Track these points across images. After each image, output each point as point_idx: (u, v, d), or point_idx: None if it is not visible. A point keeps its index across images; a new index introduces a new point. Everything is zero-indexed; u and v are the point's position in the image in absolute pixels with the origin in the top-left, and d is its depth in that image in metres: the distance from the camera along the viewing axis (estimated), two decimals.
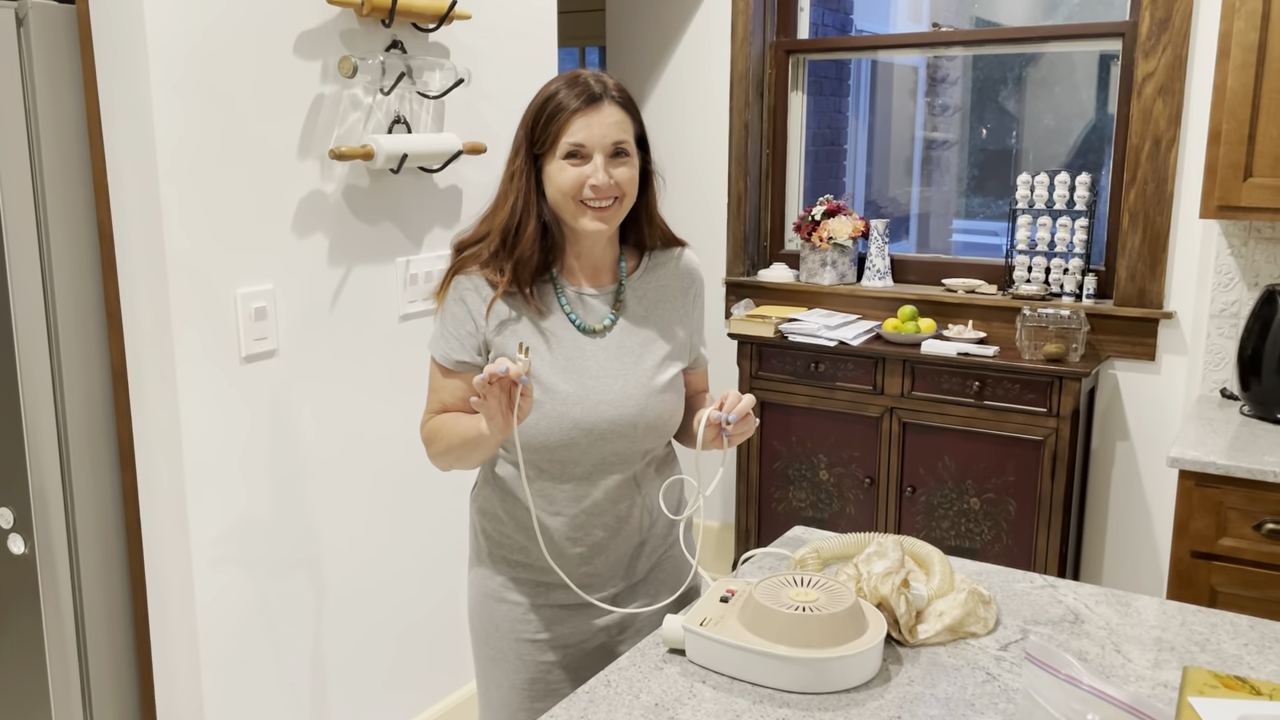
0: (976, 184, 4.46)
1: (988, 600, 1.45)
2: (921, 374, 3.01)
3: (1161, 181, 2.87)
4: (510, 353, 1.46)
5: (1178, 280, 2.90)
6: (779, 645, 1.25)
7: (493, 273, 1.48)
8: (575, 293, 1.52)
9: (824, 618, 1.27)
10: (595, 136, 1.43)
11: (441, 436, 1.50)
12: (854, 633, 1.28)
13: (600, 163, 1.43)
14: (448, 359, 1.51)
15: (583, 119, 1.42)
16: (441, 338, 1.52)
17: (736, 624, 1.31)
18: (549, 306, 1.50)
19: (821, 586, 1.35)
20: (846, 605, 1.29)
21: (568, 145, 1.43)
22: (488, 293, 1.48)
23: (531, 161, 1.47)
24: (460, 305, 1.49)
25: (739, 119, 3.55)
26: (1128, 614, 1.47)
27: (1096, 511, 3.11)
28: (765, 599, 1.30)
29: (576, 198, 1.44)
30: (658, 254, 1.60)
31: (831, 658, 1.24)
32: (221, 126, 1.91)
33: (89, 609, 2.01)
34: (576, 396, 1.47)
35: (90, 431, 1.96)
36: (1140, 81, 2.86)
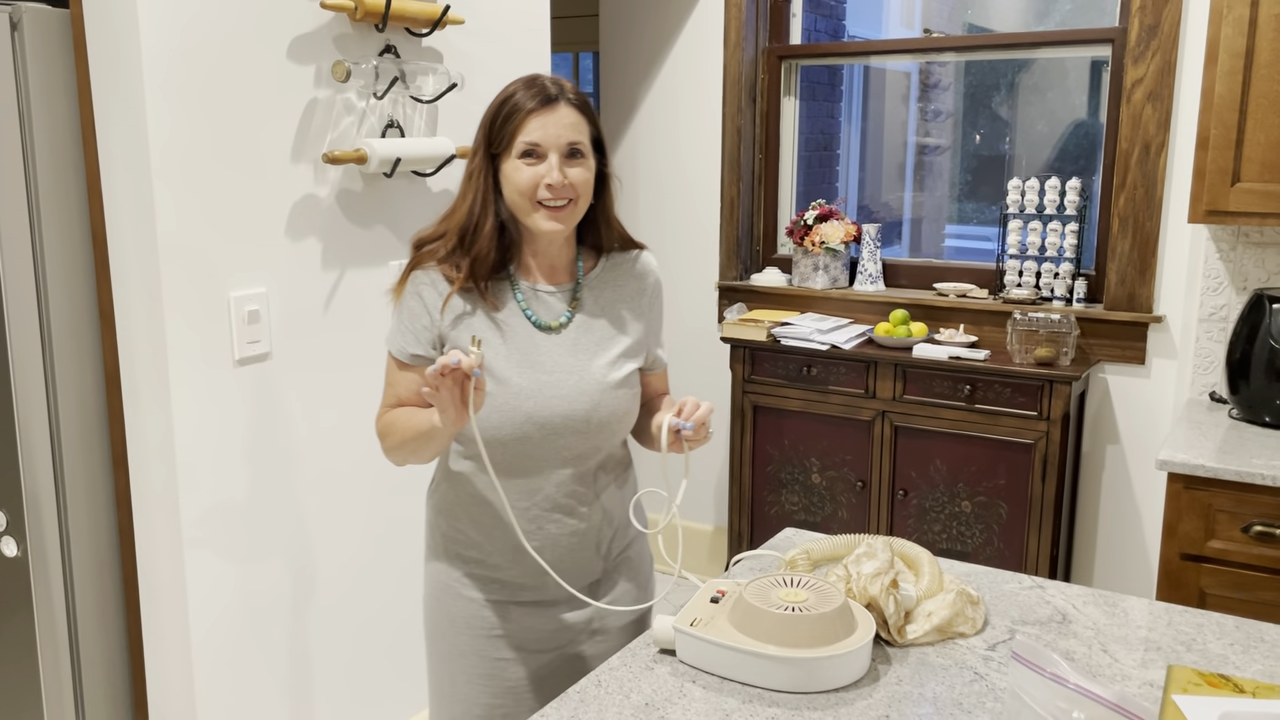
0: (969, 189, 4.48)
1: (976, 601, 1.46)
2: (913, 378, 3.03)
3: (1151, 186, 2.89)
4: (464, 346, 1.48)
5: (1167, 284, 2.92)
6: (769, 645, 1.26)
7: (450, 268, 1.50)
8: (531, 289, 1.54)
9: (813, 618, 1.28)
10: (550, 136, 1.45)
11: (395, 430, 1.52)
12: (843, 632, 1.29)
13: (555, 162, 1.46)
14: (403, 352, 1.53)
15: (538, 119, 1.45)
16: (397, 332, 1.54)
17: (727, 624, 1.32)
18: (504, 302, 1.52)
19: (811, 587, 1.36)
20: (835, 605, 1.30)
21: (523, 144, 1.46)
22: (444, 287, 1.50)
23: (489, 161, 1.50)
24: (416, 300, 1.51)
25: (731, 124, 3.57)
26: (1115, 614, 1.48)
27: (1087, 514, 3.12)
28: (755, 599, 1.31)
29: (532, 197, 1.46)
30: (616, 255, 1.63)
31: (821, 657, 1.25)
32: (215, 130, 1.92)
33: (81, 612, 2.01)
34: (530, 390, 1.49)
35: (83, 434, 1.97)
36: (1130, 87, 2.88)
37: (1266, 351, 2.40)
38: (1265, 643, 1.39)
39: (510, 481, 1.52)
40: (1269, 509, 2.18)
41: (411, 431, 1.48)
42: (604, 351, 1.55)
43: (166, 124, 1.84)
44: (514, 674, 1.58)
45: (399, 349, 1.54)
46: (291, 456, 2.14)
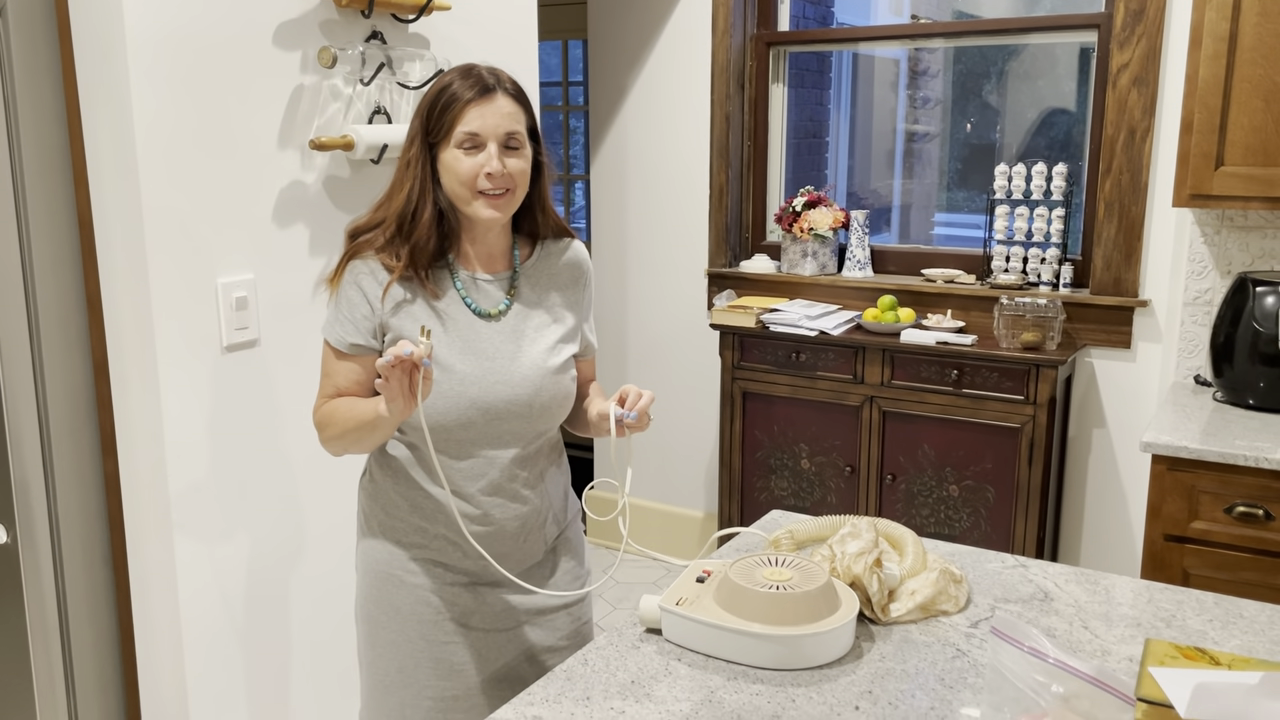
0: (958, 177, 4.50)
1: (959, 579, 1.47)
2: (901, 363, 3.04)
3: (1136, 171, 2.90)
4: (409, 335, 1.50)
5: (1152, 269, 2.94)
6: (753, 623, 1.28)
7: (388, 257, 1.51)
8: (470, 277, 1.56)
9: (798, 596, 1.29)
10: (489, 126, 1.47)
11: (336, 421, 1.52)
12: (827, 610, 1.31)
13: (494, 151, 1.47)
14: (342, 342, 1.54)
15: (477, 109, 1.47)
16: (336, 322, 1.54)
17: (712, 603, 1.33)
18: (444, 290, 1.54)
19: (795, 566, 1.37)
20: (819, 584, 1.32)
21: (463, 134, 1.47)
22: (384, 276, 1.51)
23: (426, 150, 1.50)
24: (355, 289, 1.52)
25: (720, 111, 3.57)
26: (1096, 592, 1.50)
27: (1073, 497, 3.14)
28: (740, 579, 1.33)
29: (472, 186, 1.48)
30: (549, 244, 1.66)
31: (805, 634, 1.26)
32: (201, 116, 1.92)
33: (72, 599, 2.01)
34: (474, 376, 1.51)
35: (72, 421, 1.97)
36: (1115, 72, 2.90)
37: (1250, 334, 2.42)
38: (1244, 618, 1.41)
39: (454, 466, 1.54)
40: (1252, 490, 2.20)
41: (354, 421, 1.49)
42: (542, 338, 1.58)
43: (152, 110, 1.84)
44: (462, 656, 1.59)
45: (338, 339, 1.54)
46: (281, 442, 2.15)
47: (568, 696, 1.22)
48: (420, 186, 1.50)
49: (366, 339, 1.53)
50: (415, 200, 1.50)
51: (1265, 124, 2.35)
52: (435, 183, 1.51)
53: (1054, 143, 3.65)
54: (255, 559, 2.13)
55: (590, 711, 1.19)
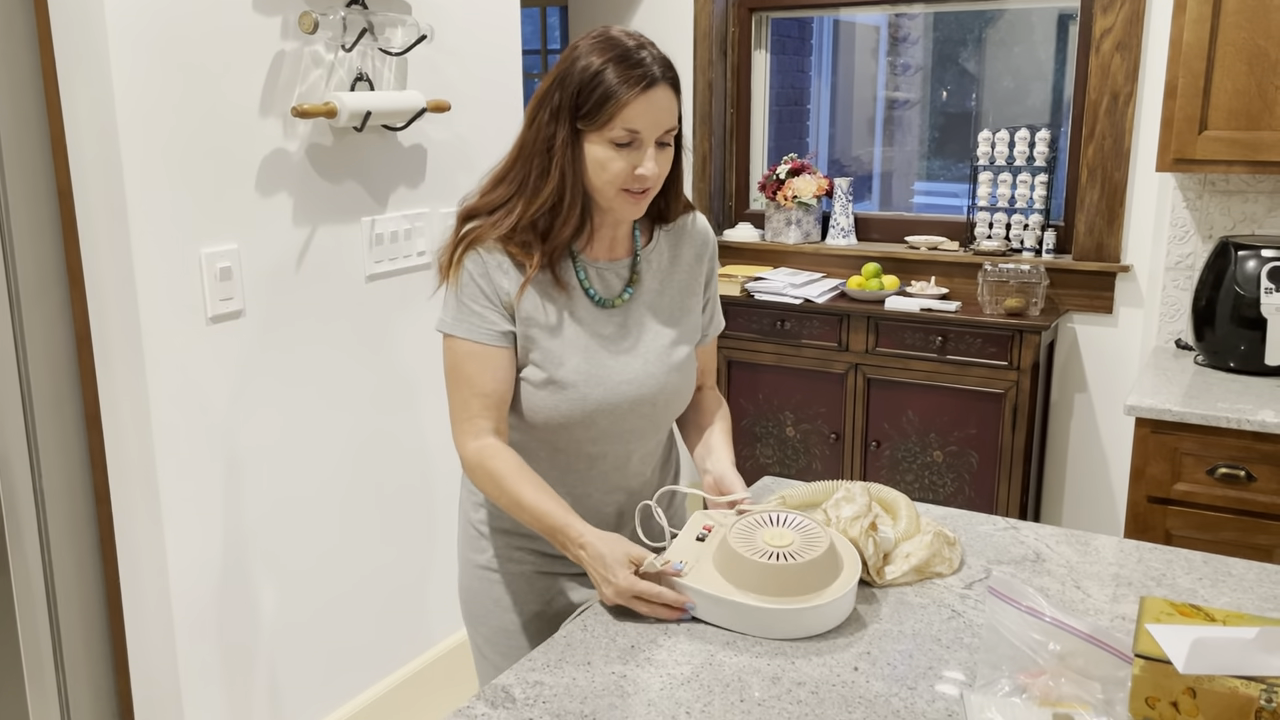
0: (938, 145, 4.50)
1: (952, 542, 1.48)
2: (885, 330, 3.05)
3: (1119, 136, 2.91)
4: (541, 323, 1.41)
5: (1134, 234, 2.95)
6: (754, 596, 1.27)
7: (518, 250, 1.39)
8: (592, 265, 1.45)
9: (800, 566, 1.29)
10: (650, 124, 1.33)
11: (509, 492, 1.39)
12: (830, 577, 1.31)
13: (652, 152, 1.34)
14: (490, 333, 1.40)
15: (641, 104, 1.31)
16: (471, 314, 1.40)
17: (711, 569, 1.33)
18: (567, 279, 1.43)
19: (797, 528, 1.37)
20: (822, 549, 1.32)
21: (624, 132, 1.32)
22: (515, 273, 1.39)
23: (574, 133, 1.35)
24: (486, 281, 1.39)
25: (703, 78, 3.55)
26: (1087, 553, 1.52)
27: (1055, 461, 3.18)
28: (739, 545, 1.32)
29: (620, 185, 1.36)
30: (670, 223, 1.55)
31: (806, 608, 1.26)
32: (181, 83, 1.89)
33: (59, 572, 2.00)
34: (599, 377, 1.43)
35: (55, 394, 1.95)
36: (1099, 37, 2.90)
37: (1232, 298, 2.44)
38: (1233, 576, 1.43)
39: (570, 464, 1.48)
40: (1234, 451, 2.23)
41: (532, 516, 1.38)
42: (665, 330, 1.49)
43: (131, 77, 1.81)
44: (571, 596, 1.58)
45: (483, 332, 1.39)
46: (266, 413, 2.13)
47: (569, 661, 1.22)
48: (571, 181, 1.36)
49: (511, 324, 1.41)
50: (567, 194, 1.36)
51: (1248, 87, 2.36)
52: (577, 170, 1.37)
53: (1031, 110, 3.65)
54: (245, 531, 2.12)
55: (591, 676, 1.19)
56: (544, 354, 1.41)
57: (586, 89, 1.32)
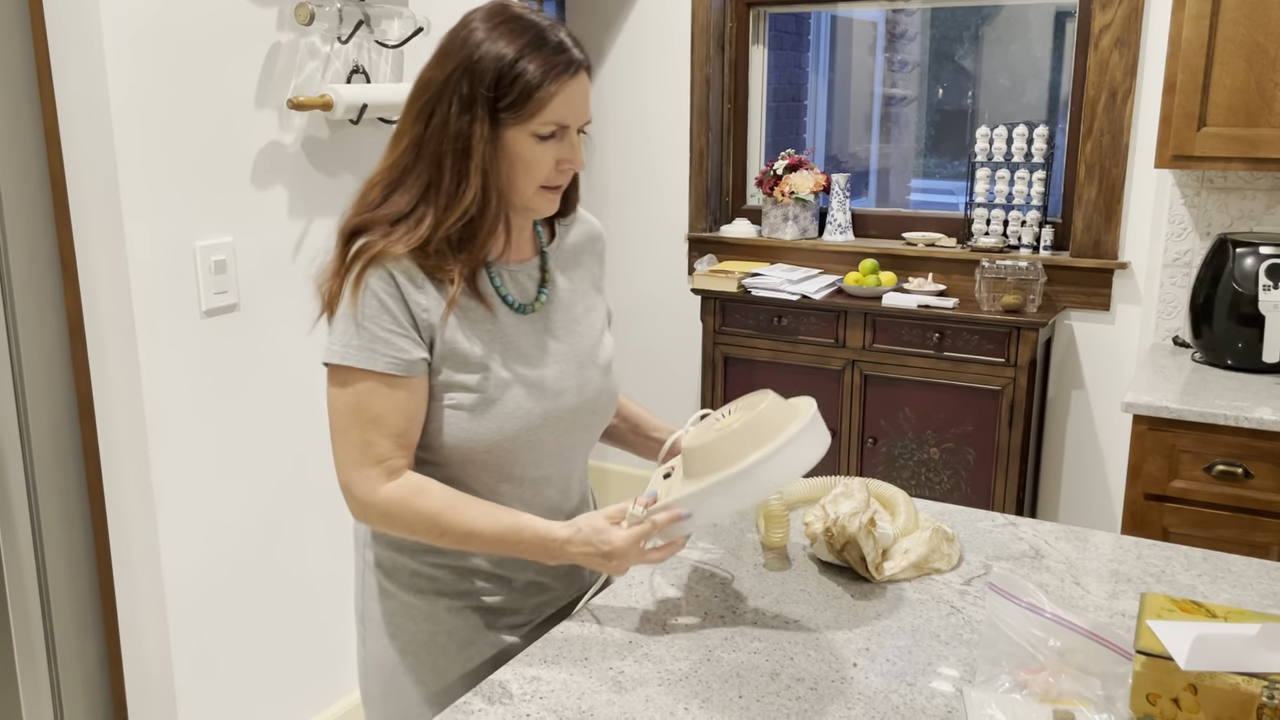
0: (934, 143, 4.50)
1: (951, 538, 1.48)
2: (882, 326, 3.05)
3: (1117, 133, 2.90)
4: (465, 352, 1.23)
5: (1132, 231, 2.95)
6: (723, 469, 1.21)
7: (430, 261, 1.21)
8: (505, 271, 1.29)
9: (755, 418, 1.22)
10: (577, 113, 1.22)
11: (453, 525, 1.20)
12: (788, 419, 1.25)
13: (576, 141, 1.23)
14: (400, 364, 1.19)
15: (568, 93, 1.20)
16: (376, 342, 1.19)
17: (683, 478, 1.26)
18: (484, 290, 1.27)
19: (739, 407, 1.31)
20: (769, 400, 1.26)
21: (550, 124, 1.20)
22: (435, 292, 1.21)
23: (490, 123, 1.19)
24: (399, 302, 1.19)
25: (700, 73, 3.54)
26: (1085, 549, 1.51)
27: (1052, 458, 3.17)
28: (697, 440, 1.25)
29: (541, 181, 1.23)
30: (565, 218, 1.42)
31: (782, 444, 1.19)
32: (176, 74, 1.87)
33: (51, 568, 1.98)
34: (538, 389, 1.28)
35: (48, 386, 1.93)
36: (1097, 33, 2.89)
37: (1229, 295, 2.44)
38: (1232, 573, 1.43)
39: (514, 494, 1.31)
40: (1231, 449, 2.22)
41: (491, 536, 1.20)
42: (588, 329, 1.37)
43: (126, 67, 1.79)
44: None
45: (390, 362, 1.19)
46: (260, 408, 2.12)
47: (565, 658, 1.21)
48: (495, 182, 1.20)
49: (425, 350, 1.22)
50: (493, 200, 1.20)
51: (1248, 84, 2.36)
52: (497, 168, 1.21)
53: (1027, 106, 3.64)
54: (239, 527, 2.11)
55: (589, 671, 1.18)
56: (475, 375, 1.24)
57: (507, 78, 1.17)
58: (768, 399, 1.27)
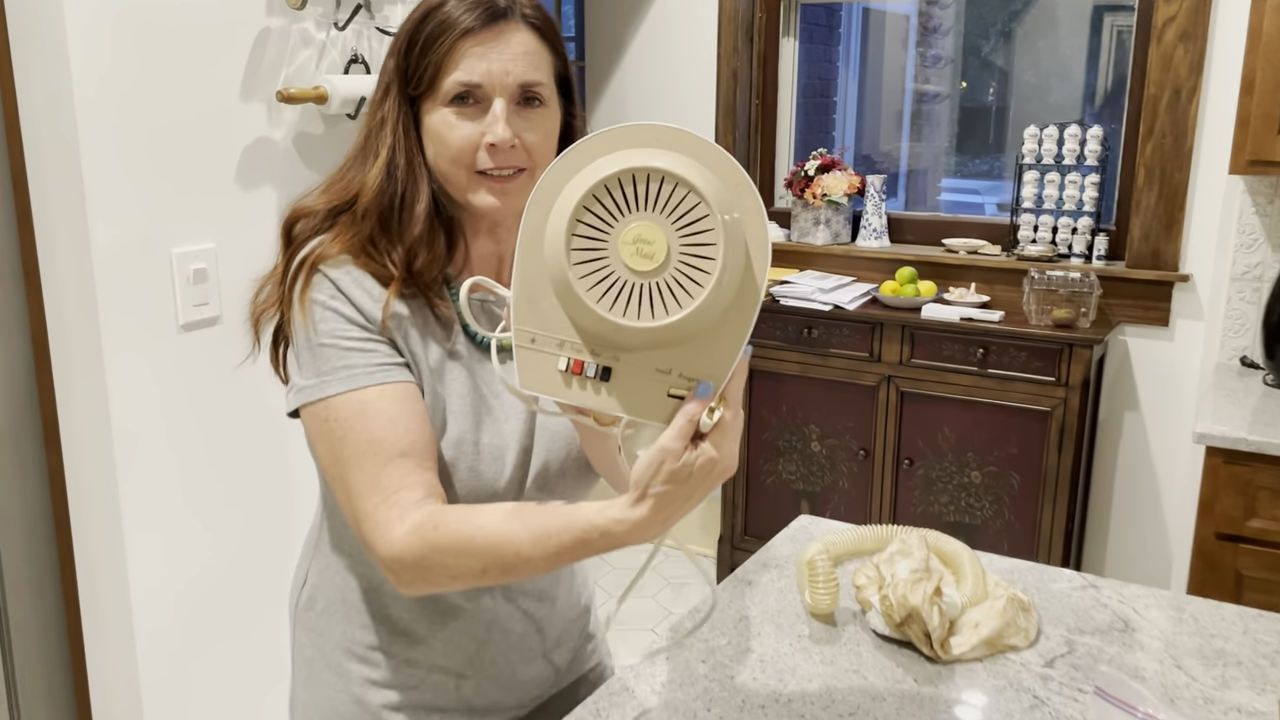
0: (969, 141, 4.30)
1: (1027, 607, 1.27)
2: (921, 340, 2.84)
3: (1181, 135, 2.68)
4: (421, 378, 1.03)
5: (1195, 241, 2.73)
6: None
7: (374, 263, 1.02)
8: (474, 299, 1.09)
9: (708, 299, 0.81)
10: (496, 73, 0.99)
11: (483, 548, 0.90)
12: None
13: (501, 111, 1.00)
14: (382, 371, 0.99)
15: (479, 47, 0.99)
16: (345, 356, 0.99)
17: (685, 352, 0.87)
18: (448, 317, 1.05)
19: None
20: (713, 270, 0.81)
21: (456, 85, 0.99)
22: (378, 290, 1.01)
23: (407, 105, 1.03)
24: (348, 305, 1.00)
25: (727, 66, 3.33)
26: (1183, 620, 1.30)
27: (1102, 486, 2.96)
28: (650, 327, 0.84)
29: (468, 164, 1.01)
30: None
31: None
32: (152, 64, 1.68)
33: (13, 604, 1.80)
34: (515, 448, 1.06)
35: (10, 407, 1.75)
36: (1160, 26, 2.67)
37: None
38: None
39: (477, 588, 1.11)
40: None
41: (551, 543, 0.87)
42: None
43: (93, 54, 1.60)
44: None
45: (367, 373, 0.98)
46: (240, 431, 1.93)
47: None
48: (406, 160, 1.02)
49: (396, 355, 1.01)
50: (402, 181, 1.02)
51: None
52: (424, 155, 1.04)
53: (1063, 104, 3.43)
54: (213, 558, 1.92)
55: None
56: (439, 421, 1.02)
57: (416, 38, 1.01)
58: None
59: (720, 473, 0.84)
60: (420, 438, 0.98)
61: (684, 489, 0.83)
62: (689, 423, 0.82)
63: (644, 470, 0.82)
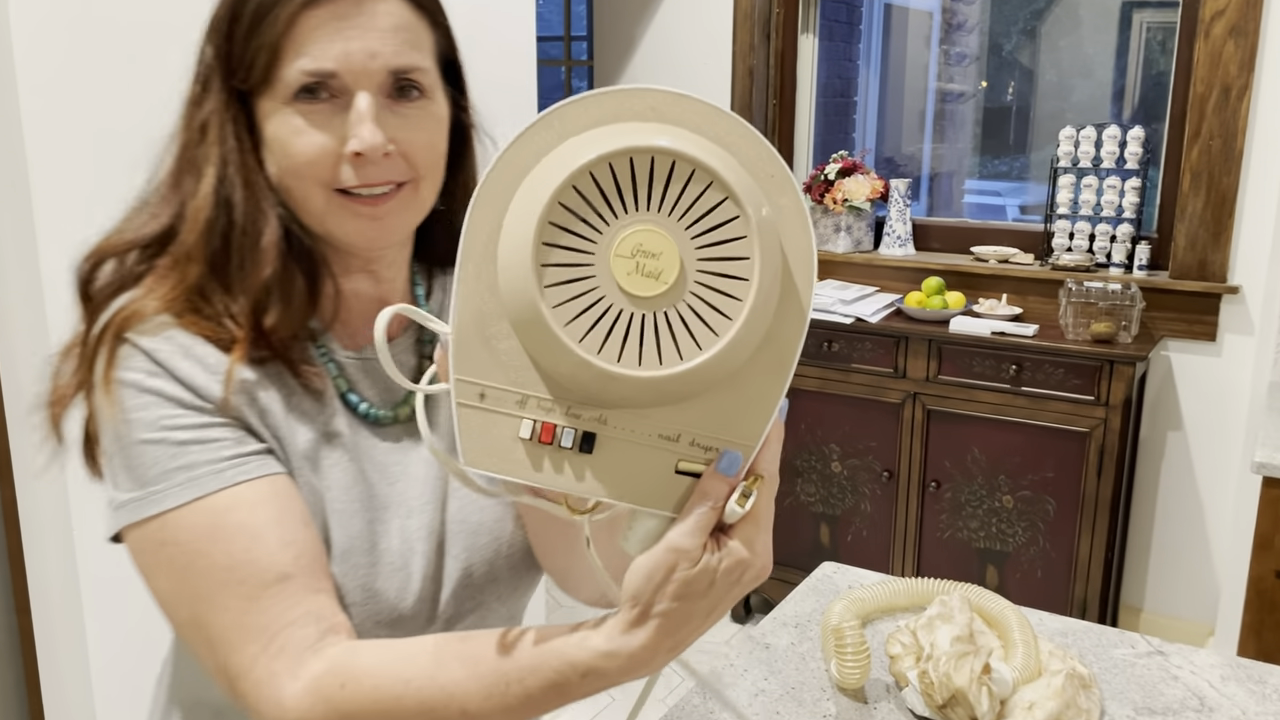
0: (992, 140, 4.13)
1: (1088, 683, 1.11)
2: (949, 355, 2.66)
3: (1230, 136, 2.50)
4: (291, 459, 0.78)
5: (1245, 250, 2.55)
6: None
7: (209, 324, 0.75)
8: (351, 355, 0.84)
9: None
10: (357, 56, 0.74)
11: (410, 708, 0.66)
12: None
13: (367, 108, 0.74)
14: (237, 465, 0.73)
15: (332, 21, 0.73)
16: (168, 459, 0.72)
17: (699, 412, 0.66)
18: (320, 386, 0.81)
19: None
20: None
21: (302, 74, 0.74)
22: (215, 358, 0.74)
23: (237, 104, 0.77)
24: (174, 384, 0.73)
25: (743, 64, 3.17)
26: (1264, 696, 1.14)
27: (1142, 513, 2.78)
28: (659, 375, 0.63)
29: (326, 181, 0.76)
30: None
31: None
32: (112, 73, 1.53)
33: None
34: (424, 552, 0.82)
35: None
36: (1208, 21, 2.49)
37: None
38: None
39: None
40: None
41: (513, 694, 0.64)
42: None
43: (41, 59, 1.46)
44: None
45: (217, 471, 0.72)
46: None
47: None
48: (241, 178, 0.76)
49: (256, 441, 0.76)
50: (238, 207, 0.76)
51: None
52: (262, 167, 0.78)
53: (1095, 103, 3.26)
54: None
55: None
56: (318, 528, 0.78)
57: (238, 10, 0.75)
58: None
59: (752, 579, 0.63)
60: (305, 549, 0.73)
61: (702, 604, 0.61)
62: (710, 511, 0.62)
63: (644, 581, 0.61)
